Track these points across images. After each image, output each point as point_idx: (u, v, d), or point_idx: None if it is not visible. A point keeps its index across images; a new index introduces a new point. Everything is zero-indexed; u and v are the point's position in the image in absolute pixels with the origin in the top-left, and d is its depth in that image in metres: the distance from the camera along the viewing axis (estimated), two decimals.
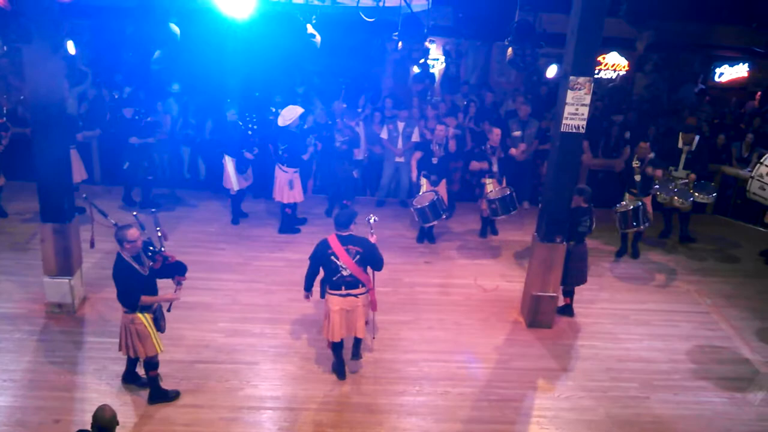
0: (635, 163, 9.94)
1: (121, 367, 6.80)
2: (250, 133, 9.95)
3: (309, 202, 10.69)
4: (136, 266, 6.19)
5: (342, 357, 7.11)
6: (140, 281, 6.20)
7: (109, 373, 6.86)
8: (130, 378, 6.74)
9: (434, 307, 8.62)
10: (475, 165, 10.23)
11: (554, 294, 8.20)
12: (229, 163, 10.05)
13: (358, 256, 6.67)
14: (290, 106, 9.98)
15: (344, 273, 6.67)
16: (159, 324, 6.48)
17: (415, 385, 7.10)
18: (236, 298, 8.43)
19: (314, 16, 7.35)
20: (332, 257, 6.65)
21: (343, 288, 6.73)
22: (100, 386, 6.70)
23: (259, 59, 11.45)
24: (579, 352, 7.89)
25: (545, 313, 8.25)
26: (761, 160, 9.99)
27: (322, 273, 6.85)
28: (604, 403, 7.02)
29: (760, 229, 11.05)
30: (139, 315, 6.25)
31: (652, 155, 10.05)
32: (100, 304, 8.00)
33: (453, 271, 9.60)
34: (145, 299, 6.24)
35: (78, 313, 7.89)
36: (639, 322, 8.57)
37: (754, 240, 11.12)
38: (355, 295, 6.77)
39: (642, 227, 9.71)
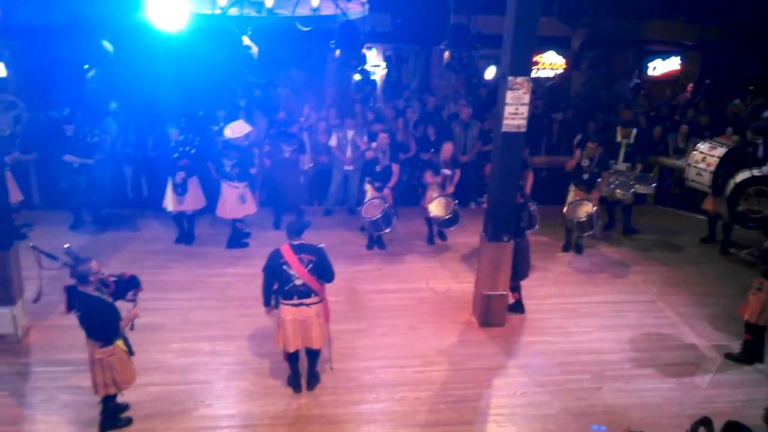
0: (584, 162, 10.13)
1: (72, 396, 6.64)
2: (175, 155, 9.73)
3: (255, 215, 10.59)
4: (105, 297, 6.04)
5: (297, 369, 7.05)
6: (115, 311, 6.06)
7: (58, 403, 6.67)
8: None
9: (388, 313, 8.63)
10: (428, 178, 10.30)
11: (504, 292, 8.29)
12: (169, 183, 9.90)
13: (310, 265, 6.63)
14: (238, 121, 9.93)
15: (297, 282, 6.61)
16: (130, 347, 6.33)
17: (372, 392, 7.09)
18: (187, 317, 8.29)
19: (250, 28, 7.30)
20: (284, 266, 6.60)
21: (295, 297, 6.66)
22: (49, 417, 6.51)
23: (197, 74, 11.33)
24: (531, 348, 8.00)
25: (497, 312, 8.33)
26: (696, 148, 10.35)
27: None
28: (558, 397, 7.12)
29: (700, 216, 11.35)
30: (118, 342, 6.11)
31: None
32: (47, 332, 7.76)
33: (404, 276, 9.63)
34: (120, 326, 6.11)
35: (23, 342, 7.63)
36: (588, 315, 8.74)
37: (694, 228, 11.44)
38: (308, 305, 6.71)
39: (596, 230, 9.91)
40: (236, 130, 9.61)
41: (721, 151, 10.01)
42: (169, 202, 9.94)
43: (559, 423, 6.76)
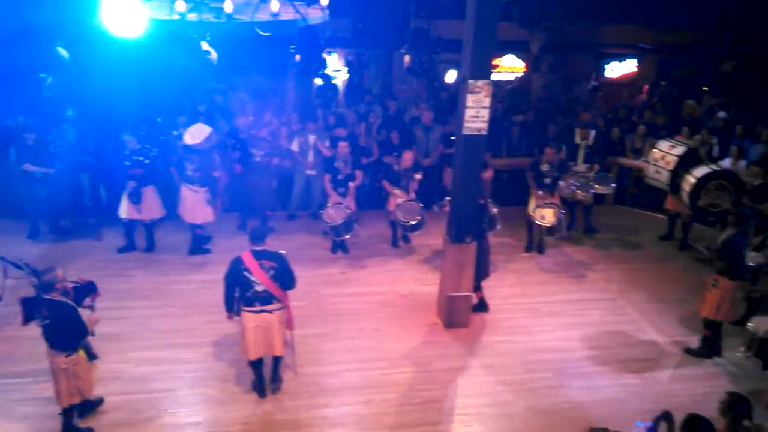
0: (544, 167, 10.25)
1: (31, 408, 6.51)
2: (128, 163, 9.61)
3: (218, 221, 10.51)
4: (71, 303, 5.99)
5: (262, 374, 7.01)
6: (80, 316, 6.03)
7: (17, 416, 6.52)
8: None
9: (353, 316, 8.63)
10: (387, 187, 10.35)
11: (468, 293, 8.35)
12: (125, 191, 9.76)
13: (272, 272, 6.59)
14: (198, 125, 9.85)
15: (258, 289, 6.57)
16: (92, 353, 6.31)
17: (338, 396, 7.08)
18: (148, 325, 8.18)
19: (209, 34, 7.25)
20: (246, 273, 6.55)
21: (257, 304, 6.62)
22: (8, 430, 6.36)
23: (156, 80, 11.21)
24: (496, 348, 8.07)
25: (461, 313, 8.39)
26: (656, 146, 10.54)
27: None
28: (523, 396, 7.19)
29: (658, 215, 11.56)
30: (81, 351, 6.08)
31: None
32: (4, 343, 7.56)
33: (369, 279, 9.64)
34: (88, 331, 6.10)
35: None
36: (551, 314, 8.84)
37: (652, 226, 11.66)
38: (270, 311, 6.67)
39: (563, 233, 10.03)
40: (195, 134, 9.54)
41: (680, 150, 10.21)
42: (123, 210, 9.80)
43: (524, 421, 6.82)
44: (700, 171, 9.66)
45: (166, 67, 9.90)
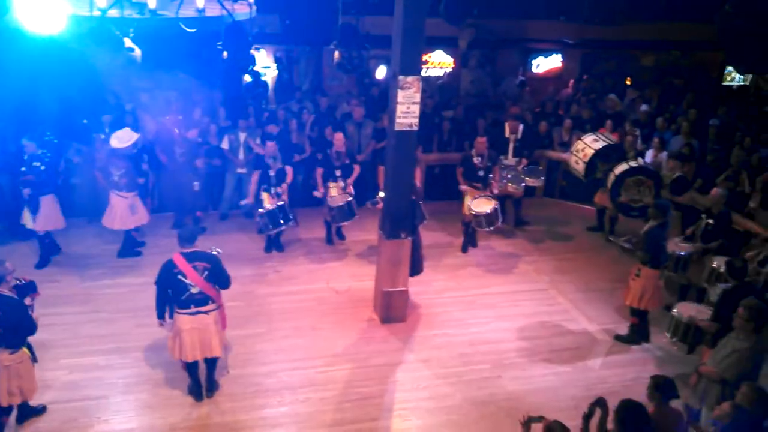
0: (476, 159, 10.36)
1: None
2: (23, 169, 9.20)
3: (148, 222, 10.25)
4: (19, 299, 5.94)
5: (198, 377, 6.89)
6: (29, 313, 6.01)
7: None
8: None
9: (288, 315, 8.57)
10: (318, 176, 10.31)
11: (404, 288, 8.39)
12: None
13: (206, 272, 6.50)
14: (126, 129, 9.62)
15: (193, 291, 6.48)
16: (34, 353, 6.21)
17: (276, 396, 7.03)
18: (77, 332, 7.93)
19: (131, 30, 7.05)
20: (179, 276, 6.44)
21: (192, 306, 6.53)
22: None
23: (77, 79, 10.83)
24: (432, 341, 8.14)
25: (397, 308, 8.43)
26: (581, 138, 10.84)
27: None
28: (460, 388, 7.28)
29: (586, 206, 11.86)
30: (24, 349, 6.00)
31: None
32: None
33: (304, 277, 9.58)
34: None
35: None
36: (485, 306, 8.98)
37: (581, 218, 11.95)
38: (206, 312, 6.59)
39: (500, 223, 10.15)
40: (123, 138, 9.29)
41: (599, 144, 10.53)
42: (27, 219, 9.34)
43: (461, 413, 6.92)
44: (619, 168, 9.99)
45: (87, 65, 9.61)
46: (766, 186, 9.84)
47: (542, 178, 11.39)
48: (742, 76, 17.30)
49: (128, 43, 7.72)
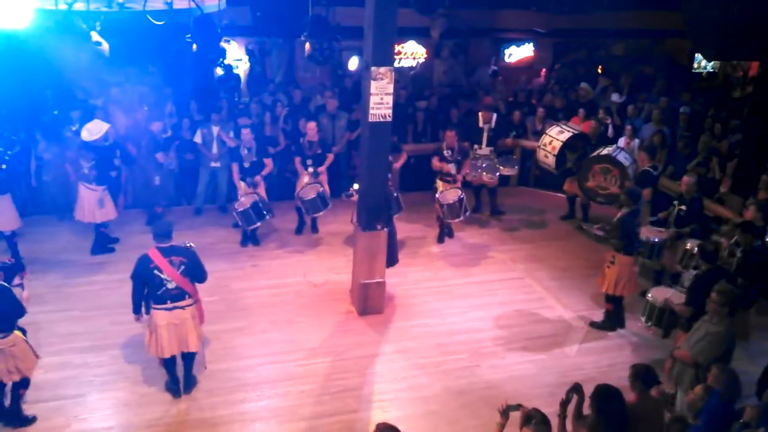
0: (446, 152, 10.38)
1: None
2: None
3: (121, 218, 10.16)
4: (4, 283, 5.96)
5: (176, 374, 6.84)
6: (16, 296, 6.04)
7: None
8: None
9: (266, 309, 8.53)
10: (297, 164, 10.30)
11: (382, 279, 8.39)
12: None
13: (183, 267, 6.45)
14: (96, 121, 9.49)
15: (169, 286, 6.42)
16: (25, 332, 6.27)
17: (255, 390, 7.00)
18: (51, 330, 7.80)
19: (98, 23, 6.94)
20: (156, 271, 6.39)
21: (169, 302, 6.47)
22: None
23: (45, 74, 10.67)
24: (410, 332, 8.16)
25: (375, 300, 8.43)
26: (546, 131, 10.96)
27: None
28: (438, 378, 7.31)
29: (559, 194, 11.94)
30: (17, 332, 6.05)
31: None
32: None
33: (281, 271, 9.54)
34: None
35: None
36: (462, 296, 9.02)
37: (555, 206, 12.02)
38: (183, 307, 6.53)
39: (466, 215, 10.18)
40: (93, 130, 9.16)
41: (566, 135, 10.65)
42: None
43: (440, 403, 6.95)
44: (592, 154, 10.11)
45: (55, 60, 9.47)
46: (736, 172, 9.97)
47: (516, 167, 11.46)
48: (710, 64, 17.50)
49: (95, 36, 7.60)
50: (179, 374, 6.88)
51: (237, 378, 7.17)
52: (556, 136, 10.75)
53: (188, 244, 6.69)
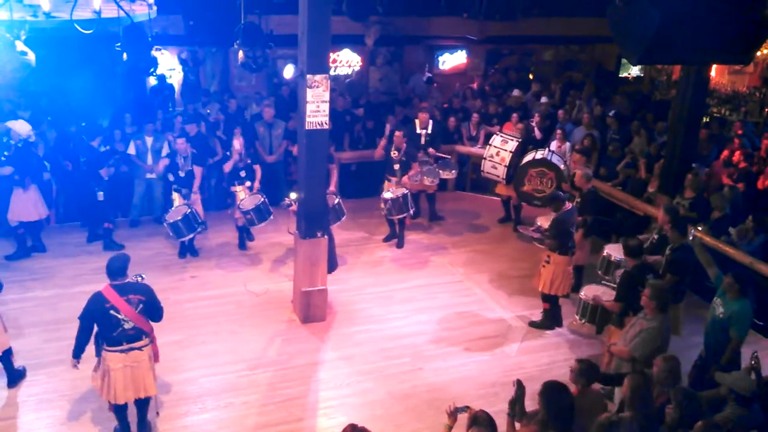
0: (393, 153, 10.47)
1: None
2: None
3: (55, 231, 9.88)
4: None
5: (127, 422, 6.32)
6: None
7: None
8: None
9: (206, 320, 8.43)
10: (226, 168, 10.24)
11: (323, 287, 8.39)
12: None
13: (141, 305, 6.00)
14: (20, 121, 9.43)
15: (126, 326, 5.94)
16: None
17: (197, 403, 6.92)
18: None
19: (23, 32, 6.72)
20: (112, 311, 5.89)
21: (125, 343, 5.97)
22: None
23: None
24: (353, 338, 8.19)
25: (317, 307, 8.43)
26: (490, 142, 11.14)
27: None
28: (383, 383, 7.36)
29: (496, 198, 12.15)
30: None
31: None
32: None
33: (221, 282, 9.44)
34: None
35: None
36: (404, 300, 9.10)
37: (491, 210, 12.23)
38: (140, 348, 6.08)
39: (410, 212, 10.25)
40: (21, 131, 9.10)
41: (512, 145, 10.86)
42: None
43: (384, 407, 6.99)
44: (525, 158, 10.34)
45: None
46: (663, 172, 10.35)
47: (455, 171, 11.58)
48: (637, 68, 18.12)
49: (20, 46, 7.37)
50: (131, 422, 6.43)
51: (179, 391, 7.06)
52: (501, 146, 10.92)
53: (139, 277, 6.28)
